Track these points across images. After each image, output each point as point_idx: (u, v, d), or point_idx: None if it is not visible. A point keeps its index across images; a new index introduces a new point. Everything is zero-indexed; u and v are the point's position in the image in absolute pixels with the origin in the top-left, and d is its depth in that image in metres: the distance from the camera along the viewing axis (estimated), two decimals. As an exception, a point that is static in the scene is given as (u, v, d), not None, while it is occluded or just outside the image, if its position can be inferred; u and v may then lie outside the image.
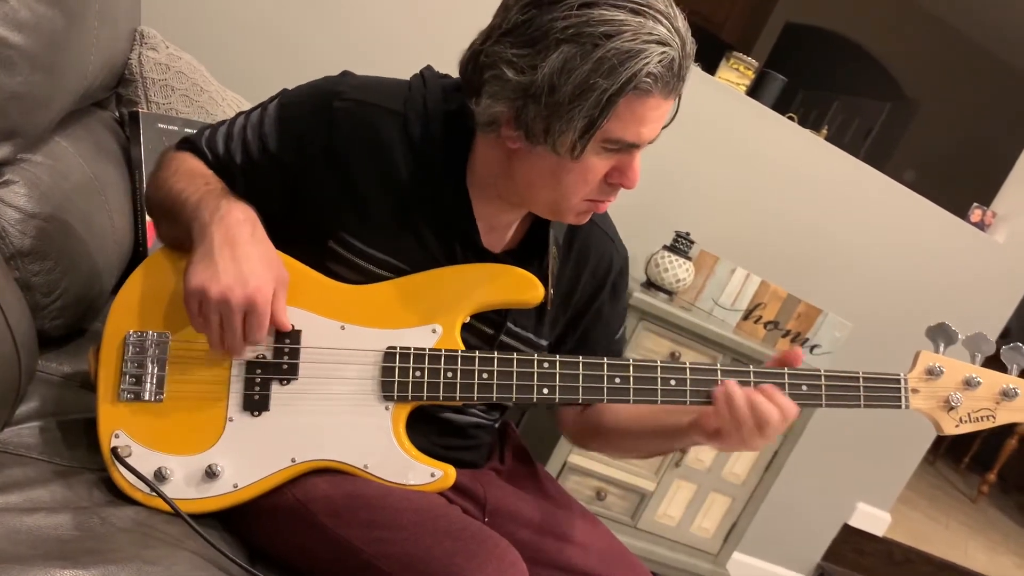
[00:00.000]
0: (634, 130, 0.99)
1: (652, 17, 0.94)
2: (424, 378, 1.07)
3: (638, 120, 0.98)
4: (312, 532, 1.03)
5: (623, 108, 0.96)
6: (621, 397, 1.10)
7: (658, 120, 1.01)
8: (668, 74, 0.96)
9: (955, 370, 1.16)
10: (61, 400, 1.16)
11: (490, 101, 1.01)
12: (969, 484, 5.32)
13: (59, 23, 1.15)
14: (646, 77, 0.94)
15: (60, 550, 0.86)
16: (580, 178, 1.03)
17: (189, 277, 0.98)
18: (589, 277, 1.25)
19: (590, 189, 1.05)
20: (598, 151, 1.01)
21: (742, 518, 2.38)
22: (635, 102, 0.97)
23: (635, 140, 1.00)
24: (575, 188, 1.04)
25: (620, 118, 0.97)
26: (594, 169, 1.02)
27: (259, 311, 0.98)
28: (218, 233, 0.99)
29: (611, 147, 1.01)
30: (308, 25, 2.15)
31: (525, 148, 1.03)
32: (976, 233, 2.76)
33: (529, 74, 0.96)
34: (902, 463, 3.01)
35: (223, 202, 1.03)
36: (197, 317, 0.99)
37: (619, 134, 0.99)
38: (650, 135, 1.01)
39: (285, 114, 1.12)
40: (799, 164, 2.59)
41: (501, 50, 0.98)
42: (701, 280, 2.43)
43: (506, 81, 0.98)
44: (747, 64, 2.50)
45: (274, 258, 1.03)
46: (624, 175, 1.04)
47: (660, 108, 0.99)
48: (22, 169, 1.18)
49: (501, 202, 1.13)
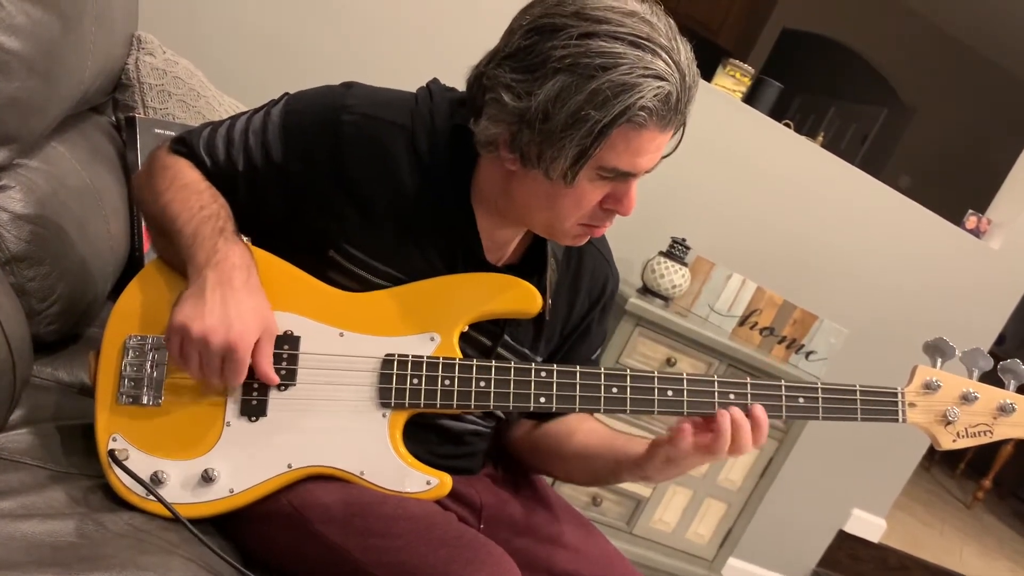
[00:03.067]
0: (628, 160, 0.99)
1: (651, 51, 0.94)
2: (422, 386, 1.07)
3: (633, 151, 0.99)
4: (307, 539, 1.02)
5: (617, 138, 0.97)
6: (618, 407, 1.10)
7: (654, 152, 1.01)
8: (664, 108, 0.96)
9: (952, 385, 1.15)
10: (56, 406, 1.16)
11: (488, 123, 1.02)
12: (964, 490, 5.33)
13: (55, 28, 1.15)
14: (639, 111, 0.94)
15: (54, 557, 0.86)
16: (574, 203, 1.03)
17: (174, 314, 0.99)
18: (585, 296, 1.25)
19: (584, 214, 1.05)
20: (592, 178, 1.01)
21: (737, 524, 2.38)
22: (630, 133, 0.97)
23: (630, 169, 1.00)
24: (569, 212, 1.05)
25: (614, 148, 0.98)
26: (588, 195, 1.03)
27: (238, 357, 0.98)
28: (212, 276, 1.00)
29: (606, 175, 1.01)
30: (305, 30, 2.15)
31: (521, 171, 1.03)
32: (971, 240, 2.77)
33: (525, 100, 0.96)
34: (897, 469, 3.02)
35: (220, 243, 1.03)
36: (177, 356, 1.00)
37: (614, 163, 0.99)
38: (647, 165, 1.01)
39: (290, 123, 1.11)
40: (795, 171, 2.60)
41: (501, 74, 0.98)
42: (697, 286, 2.43)
43: (503, 105, 0.98)
44: (743, 71, 2.51)
45: (264, 308, 1.03)
46: (619, 202, 1.04)
47: (656, 140, 0.99)
48: (18, 174, 1.18)
49: (502, 218, 1.13)
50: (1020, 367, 1.15)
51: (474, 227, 1.12)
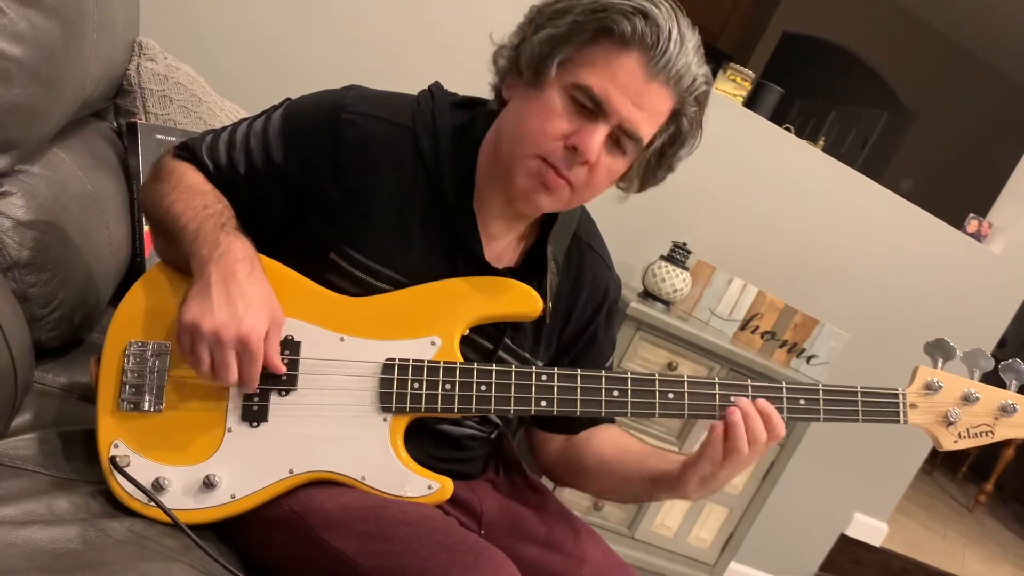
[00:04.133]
0: (603, 82, 1.00)
1: (651, 2, 0.99)
2: (422, 390, 1.07)
3: (611, 74, 0.99)
4: (308, 544, 1.02)
5: (596, 50, 1.00)
6: (619, 410, 1.10)
7: (634, 92, 1.00)
8: (649, 33, 0.98)
9: (954, 385, 1.15)
10: (57, 412, 1.16)
11: (496, 76, 1.09)
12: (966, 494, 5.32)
13: (57, 35, 1.16)
14: (618, 15, 0.97)
15: (55, 564, 0.86)
16: (541, 117, 1.03)
17: (183, 312, 0.99)
18: (586, 301, 1.25)
19: (547, 138, 1.03)
20: (563, 93, 1.02)
21: (739, 528, 2.38)
22: (610, 49, 0.99)
23: (600, 93, 1.00)
24: (532, 129, 1.03)
25: (591, 61, 1.00)
26: (554, 110, 1.02)
27: (252, 350, 0.98)
28: (216, 271, 1.00)
29: (578, 96, 1.01)
30: (307, 36, 2.15)
31: (512, 95, 1.08)
32: (972, 244, 2.77)
33: (521, 33, 1.06)
34: (899, 473, 3.02)
35: (222, 237, 1.03)
36: (189, 353, 1.00)
37: (586, 79, 1.00)
38: (620, 104, 1.00)
39: (290, 125, 1.12)
40: (796, 175, 2.60)
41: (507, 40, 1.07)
42: (698, 290, 2.43)
43: (505, 47, 1.08)
44: (744, 75, 2.51)
45: (270, 298, 1.03)
46: (579, 136, 1.01)
47: (636, 75, 0.99)
48: (19, 180, 1.18)
49: (504, 216, 1.14)
50: (1021, 367, 1.15)
51: (475, 229, 1.12)
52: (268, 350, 1.01)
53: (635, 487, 1.19)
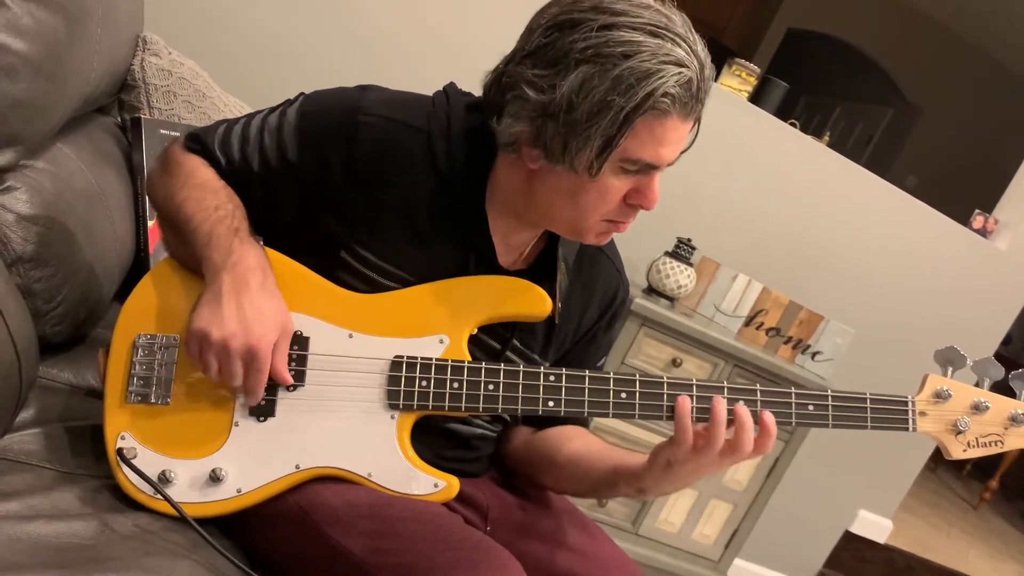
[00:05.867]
0: (652, 150, 1.00)
1: (671, 40, 0.95)
2: (430, 388, 1.07)
3: (656, 141, 0.99)
4: (313, 540, 1.02)
5: (641, 128, 0.97)
6: (627, 412, 1.09)
7: (677, 142, 1.01)
8: (686, 95, 0.97)
9: (963, 394, 1.14)
10: (62, 407, 1.16)
11: (511, 121, 1.02)
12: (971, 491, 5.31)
13: (61, 30, 1.15)
14: (663, 97, 0.95)
15: (59, 558, 0.86)
16: (599, 197, 1.03)
17: (194, 319, 0.99)
18: (596, 304, 1.25)
19: (609, 209, 1.05)
20: (616, 171, 1.01)
21: (743, 525, 2.38)
22: (653, 122, 0.97)
23: (654, 160, 1.01)
24: (594, 207, 1.04)
25: (638, 138, 0.98)
26: (613, 189, 1.03)
27: (259, 360, 0.99)
28: (228, 279, 1.00)
29: (630, 168, 1.01)
30: (311, 31, 2.15)
31: (545, 167, 1.03)
32: (978, 240, 2.76)
33: (548, 93, 0.97)
34: (904, 470, 3.01)
35: (235, 244, 1.03)
36: (197, 360, 1.01)
37: (637, 154, 0.99)
38: (669, 156, 1.02)
39: (306, 123, 1.11)
40: (801, 171, 2.59)
41: (523, 71, 0.99)
42: (703, 286, 2.43)
43: (526, 100, 0.99)
44: (749, 70, 2.50)
45: (281, 309, 1.03)
46: (643, 196, 1.04)
47: (678, 129, 1.00)
48: (24, 175, 1.18)
49: (518, 221, 1.13)
50: (1033, 377, 1.14)
51: (487, 231, 1.12)
52: (276, 361, 1.01)
53: (594, 479, 1.17)
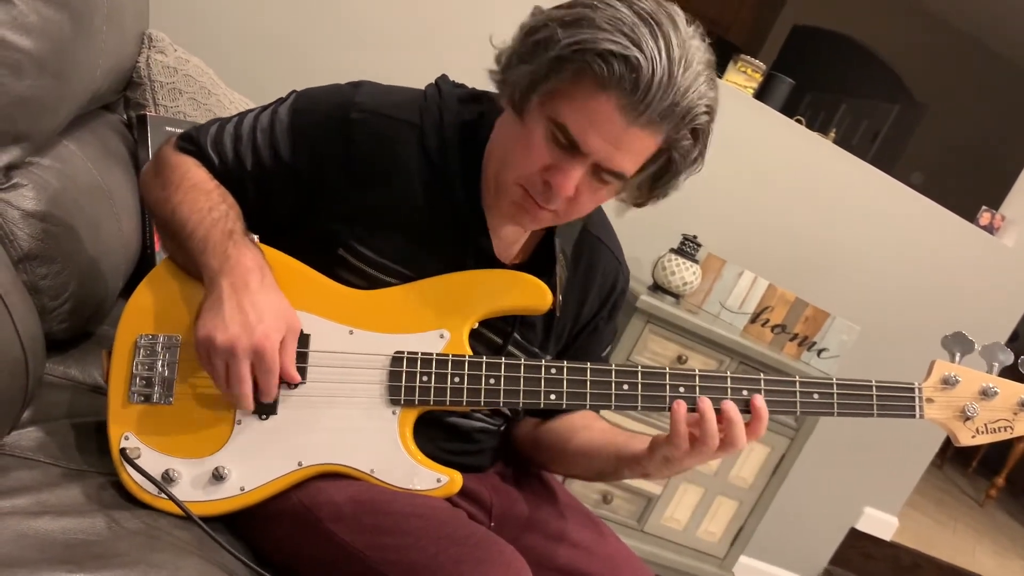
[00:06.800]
0: (578, 123, 0.96)
1: (651, 28, 0.92)
2: (431, 383, 1.07)
3: (586, 113, 0.95)
4: (316, 537, 1.02)
5: (575, 89, 0.95)
6: (629, 404, 1.09)
7: (609, 134, 0.96)
8: (628, 78, 0.92)
9: (971, 380, 1.13)
10: (68, 403, 1.16)
11: (503, 78, 1.04)
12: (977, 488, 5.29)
13: (67, 27, 1.16)
14: (598, 55, 0.92)
15: (66, 554, 0.86)
16: (523, 149, 1.01)
17: (198, 328, 0.99)
18: (595, 294, 1.25)
19: (526, 171, 1.02)
20: (544, 130, 0.99)
21: (749, 522, 2.37)
22: (588, 89, 0.94)
23: (576, 135, 0.96)
24: (515, 160, 1.02)
25: (571, 100, 0.96)
26: (536, 147, 1.00)
27: (267, 359, 0.98)
28: (227, 283, 0.99)
29: (557, 134, 0.98)
30: (315, 29, 2.15)
31: (504, 114, 1.05)
32: (985, 236, 2.75)
33: (514, 51, 1.00)
34: (909, 467, 3.00)
35: (230, 248, 1.02)
36: (208, 367, 1.00)
37: (564, 117, 0.96)
38: (596, 145, 0.96)
39: (299, 121, 1.11)
40: (807, 167, 2.59)
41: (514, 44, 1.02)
42: (708, 283, 2.42)
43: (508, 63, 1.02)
44: (754, 67, 2.50)
45: (284, 306, 1.02)
46: (554, 173, 1.00)
47: (614, 120, 0.94)
48: (30, 173, 1.18)
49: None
50: (1042, 362, 1.13)
51: (484, 224, 1.12)
52: (284, 359, 1.01)
53: (600, 466, 1.19)
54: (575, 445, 1.21)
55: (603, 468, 1.19)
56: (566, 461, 1.24)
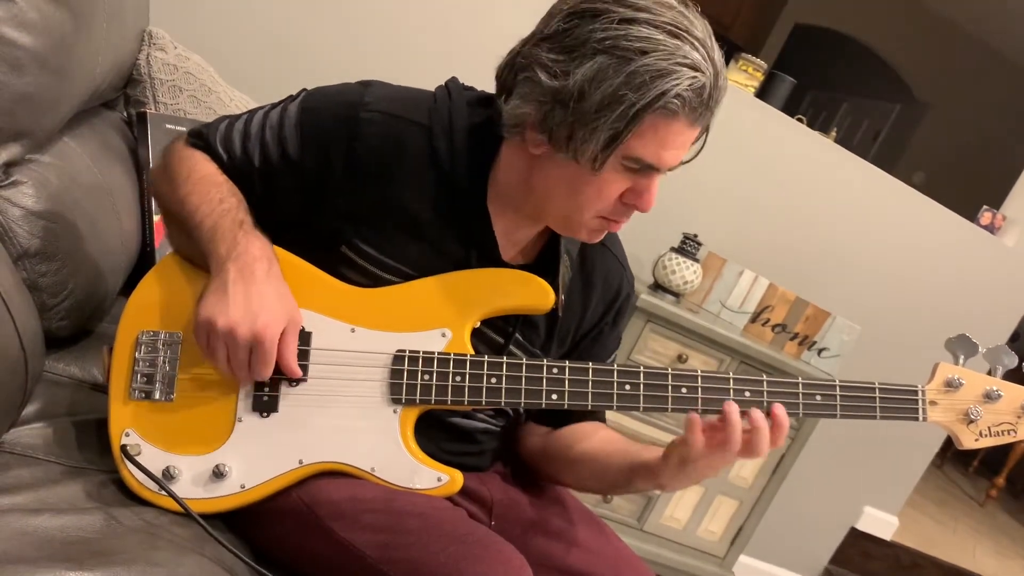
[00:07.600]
0: (655, 151, 0.99)
1: (689, 43, 0.95)
2: (433, 382, 1.06)
3: (660, 142, 0.99)
4: (317, 535, 1.02)
5: (647, 127, 0.97)
6: (631, 404, 1.09)
7: (681, 147, 1.01)
8: (696, 100, 0.96)
9: (975, 382, 1.12)
10: (68, 401, 1.16)
11: (519, 102, 1.02)
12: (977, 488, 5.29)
13: (67, 24, 1.15)
14: (674, 98, 0.95)
15: (66, 552, 0.86)
16: (596, 192, 1.03)
17: (200, 309, 1.00)
18: (599, 300, 1.24)
19: (604, 206, 1.05)
20: (618, 168, 1.01)
21: (749, 521, 2.37)
22: (660, 123, 0.97)
23: (655, 162, 1.00)
24: (590, 202, 1.04)
25: (643, 136, 0.98)
26: (611, 185, 1.02)
27: (265, 348, 0.99)
28: (234, 269, 1.00)
29: (631, 166, 1.01)
30: (316, 26, 2.15)
31: (547, 155, 1.03)
32: (986, 236, 2.75)
33: (561, 79, 0.97)
34: (910, 467, 3.00)
35: (240, 235, 1.03)
36: (205, 348, 1.01)
37: (640, 153, 0.99)
38: (671, 160, 1.01)
39: (307, 119, 1.11)
40: (808, 166, 2.58)
41: (538, 53, 0.99)
42: (709, 282, 2.42)
43: (538, 83, 0.99)
44: (756, 66, 2.50)
45: (287, 298, 1.03)
46: (640, 197, 1.04)
47: (684, 134, 1.00)
48: (30, 170, 1.18)
49: (519, 216, 1.13)
50: (1046, 366, 1.13)
51: (489, 226, 1.12)
52: (285, 351, 1.02)
53: (611, 476, 1.18)
54: (583, 449, 1.21)
55: (615, 478, 1.18)
56: (575, 468, 1.22)
